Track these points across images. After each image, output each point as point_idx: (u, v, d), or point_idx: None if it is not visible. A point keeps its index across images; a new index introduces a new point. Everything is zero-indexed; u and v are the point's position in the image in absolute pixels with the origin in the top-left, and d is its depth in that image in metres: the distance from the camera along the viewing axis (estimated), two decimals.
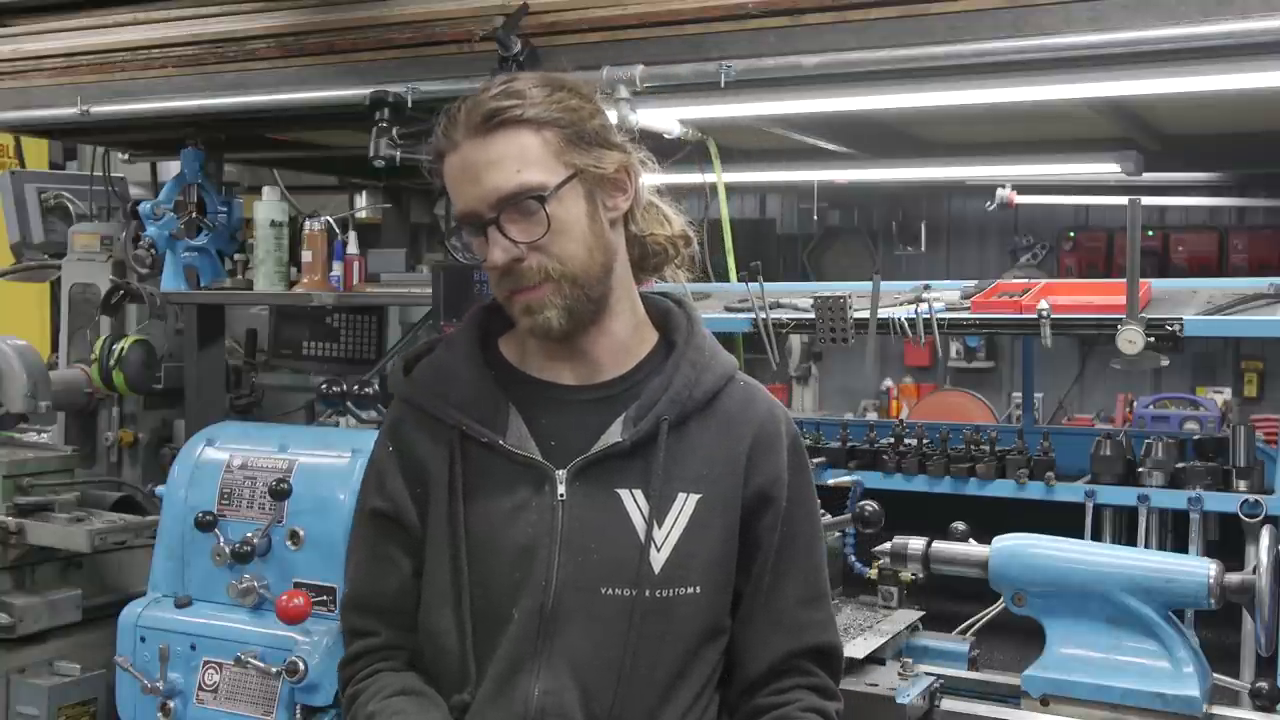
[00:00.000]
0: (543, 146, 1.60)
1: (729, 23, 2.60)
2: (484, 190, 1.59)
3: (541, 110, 1.60)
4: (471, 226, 1.63)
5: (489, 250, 1.61)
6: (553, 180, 1.59)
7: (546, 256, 1.60)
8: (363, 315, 3.93)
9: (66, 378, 3.83)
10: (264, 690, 2.77)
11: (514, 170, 1.58)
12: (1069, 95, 2.82)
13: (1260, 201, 7.63)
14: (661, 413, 1.67)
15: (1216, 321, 2.72)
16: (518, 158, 1.59)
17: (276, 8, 3.14)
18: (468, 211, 1.62)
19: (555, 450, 1.67)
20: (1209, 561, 2.31)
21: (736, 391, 1.75)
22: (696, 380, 1.70)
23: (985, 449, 3.12)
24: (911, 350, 8.18)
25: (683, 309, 1.79)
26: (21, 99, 3.62)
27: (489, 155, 1.59)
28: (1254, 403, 7.76)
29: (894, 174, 5.87)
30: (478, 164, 1.59)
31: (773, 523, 1.72)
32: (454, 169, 1.62)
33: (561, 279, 1.61)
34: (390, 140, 2.96)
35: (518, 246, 1.59)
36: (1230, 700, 2.52)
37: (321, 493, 2.82)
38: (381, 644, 1.76)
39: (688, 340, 1.74)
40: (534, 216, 1.59)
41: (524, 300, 1.63)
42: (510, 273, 1.61)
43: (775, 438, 1.74)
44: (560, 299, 1.62)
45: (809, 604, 1.76)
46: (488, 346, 1.77)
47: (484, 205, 1.60)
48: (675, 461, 1.67)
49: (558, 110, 1.61)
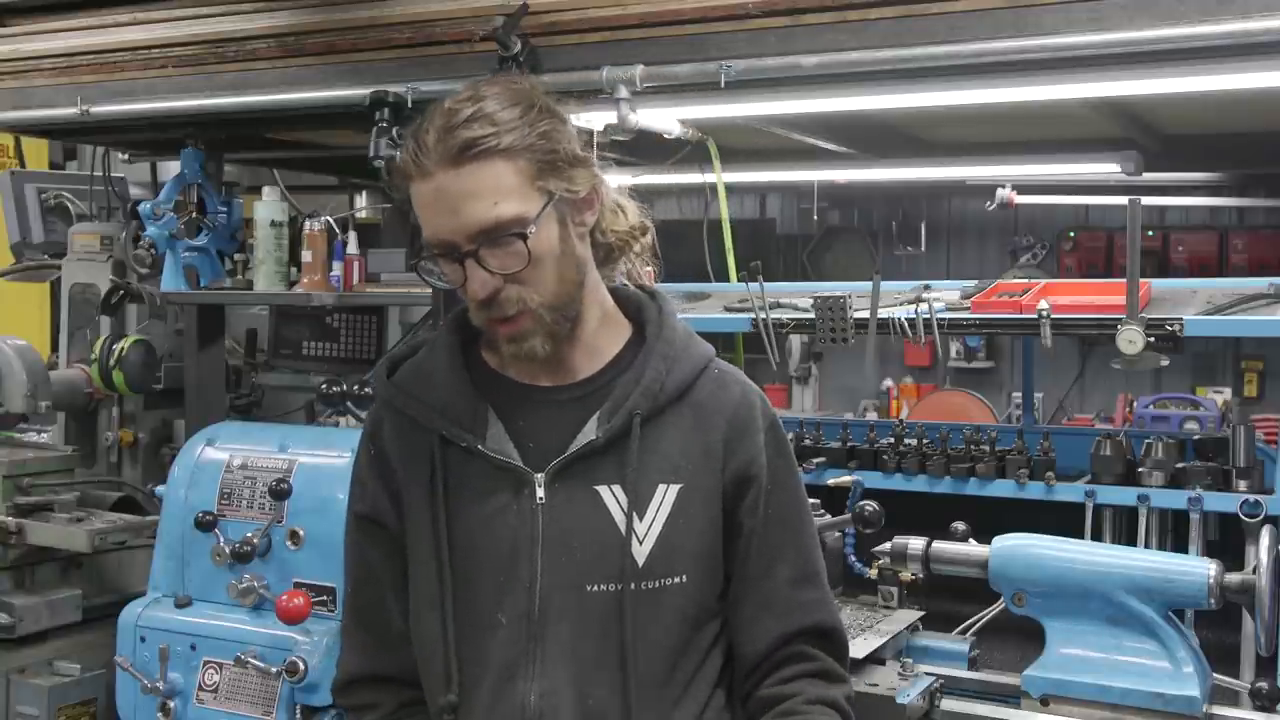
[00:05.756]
0: (517, 175, 1.58)
1: (729, 23, 2.60)
2: (462, 222, 1.57)
3: (516, 138, 1.57)
4: (443, 256, 1.62)
5: (468, 283, 1.60)
6: (531, 210, 1.58)
7: (524, 287, 1.60)
8: (363, 315, 3.93)
9: (66, 378, 3.83)
10: (264, 690, 2.77)
11: (491, 203, 1.56)
12: (1069, 95, 2.82)
13: (1260, 201, 7.63)
14: (633, 407, 1.67)
15: (1216, 321, 2.72)
16: (494, 190, 1.56)
17: (276, 8, 3.14)
18: (443, 241, 1.60)
19: (533, 452, 1.68)
20: (1209, 561, 2.31)
21: (710, 380, 1.75)
22: (668, 372, 1.70)
23: (985, 449, 3.12)
24: (911, 350, 8.17)
25: (655, 301, 1.79)
26: (21, 99, 3.61)
27: (464, 186, 1.56)
28: (1254, 403, 7.76)
29: (894, 174, 5.86)
30: (453, 195, 1.57)
31: (754, 504, 1.72)
32: (426, 196, 1.59)
33: (540, 308, 1.62)
34: (390, 140, 2.95)
35: (496, 278, 1.59)
36: (1230, 700, 2.52)
37: (321, 493, 2.82)
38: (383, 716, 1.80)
39: (658, 333, 1.74)
40: (512, 248, 1.58)
41: (507, 332, 1.64)
42: (489, 303, 1.61)
43: (749, 421, 1.74)
44: (541, 327, 1.63)
45: (800, 584, 1.75)
46: (468, 349, 1.77)
47: (461, 237, 1.58)
48: (651, 453, 1.68)
49: (533, 136, 1.59)
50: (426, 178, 1.58)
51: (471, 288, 1.60)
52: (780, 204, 9.39)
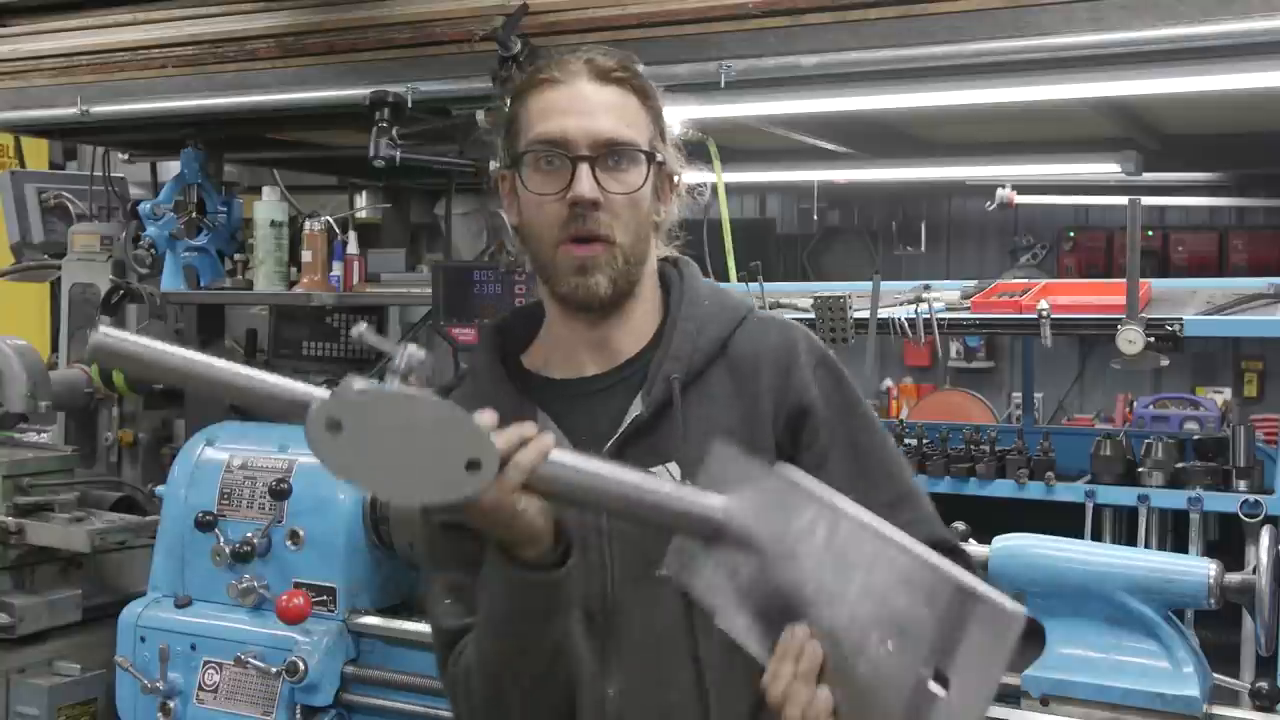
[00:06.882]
0: (647, 118, 1.62)
1: (729, 23, 2.60)
2: (595, 125, 1.57)
3: (649, 90, 1.63)
4: (552, 155, 1.58)
5: (574, 184, 1.56)
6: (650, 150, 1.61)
7: (615, 217, 1.58)
8: (363, 315, 3.93)
9: (66, 378, 3.83)
10: (264, 690, 2.77)
11: (626, 124, 1.59)
12: (1069, 95, 2.82)
13: (1260, 201, 7.62)
14: (669, 373, 1.62)
15: (1216, 321, 2.72)
16: (633, 116, 1.60)
17: (276, 8, 3.14)
18: (561, 139, 1.57)
19: (585, 444, 1.60)
20: (1209, 561, 2.31)
21: (747, 331, 1.69)
22: (699, 331, 1.66)
23: (985, 449, 3.11)
24: (911, 350, 8.17)
25: (675, 268, 1.75)
26: (21, 99, 3.62)
27: (607, 100, 1.59)
28: (1254, 403, 7.76)
29: (894, 174, 5.87)
30: (592, 101, 1.58)
31: (812, 437, 1.63)
32: (559, 100, 1.59)
33: (618, 246, 1.59)
34: (390, 140, 2.96)
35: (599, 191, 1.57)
36: (1230, 700, 2.51)
37: (321, 493, 2.82)
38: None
39: (681, 298, 1.70)
40: (625, 175, 1.58)
41: (582, 256, 1.59)
42: (579, 216, 1.57)
43: (792, 359, 1.66)
44: (612, 265, 1.59)
45: (895, 508, 1.55)
46: (507, 363, 1.73)
47: (586, 139, 1.57)
48: (701, 421, 1.61)
49: (656, 100, 1.64)
50: (558, 86, 1.59)
51: (579, 188, 1.56)
52: (780, 204, 9.39)
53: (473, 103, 2.91)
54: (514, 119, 1.64)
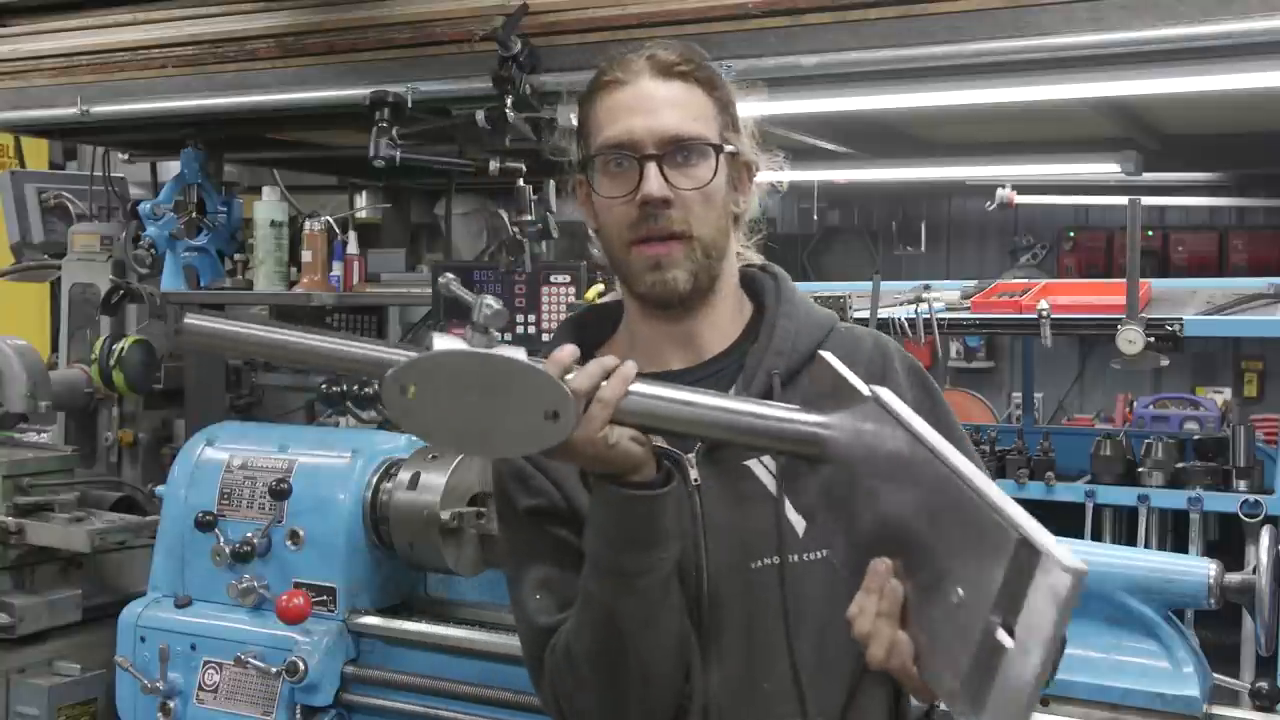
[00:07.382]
0: (711, 108, 1.61)
1: (729, 23, 2.60)
2: (660, 124, 1.57)
3: (715, 79, 1.62)
4: (620, 157, 1.58)
5: (643, 184, 1.56)
6: (716, 142, 1.61)
7: (688, 212, 1.58)
8: (363, 315, 3.93)
9: (66, 378, 3.83)
10: (264, 690, 2.77)
11: (691, 117, 1.58)
12: (1069, 95, 2.82)
13: (1260, 201, 7.63)
14: (770, 368, 1.62)
15: (1216, 321, 2.73)
16: (698, 109, 1.59)
17: (276, 8, 3.14)
18: (628, 141, 1.57)
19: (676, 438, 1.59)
20: (1209, 561, 2.31)
21: (839, 337, 1.70)
22: (796, 332, 1.66)
23: (985, 449, 3.12)
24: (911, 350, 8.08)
25: (767, 273, 1.77)
26: (21, 99, 3.62)
27: (669, 95, 1.58)
28: (1254, 403, 7.76)
29: (894, 174, 5.87)
30: (656, 99, 1.58)
31: None
32: (620, 100, 1.59)
33: (695, 240, 1.59)
34: (390, 140, 2.96)
35: (669, 188, 1.56)
36: (1230, 700, 2.51)
37: (321, 493, 2.82)
38: None
39: (778, 300, 1.71)
40: (695, 169, 1.58)
41: (656, 254, 1.58)
42: (651, 215, 1.57)
43: (886, 366, 1.68)
44: (690, 260, 1.59)
45: None
46: (584, 358, 1.72)
47: (652, 138, 1.56)
48: None
49: (724, 89, 1.64)
50: (622, 86, 1.59)
51: (648, 187, 1.55)
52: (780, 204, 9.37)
53: (473, 103, 2.91)
54: (583, 124, 1.65)
